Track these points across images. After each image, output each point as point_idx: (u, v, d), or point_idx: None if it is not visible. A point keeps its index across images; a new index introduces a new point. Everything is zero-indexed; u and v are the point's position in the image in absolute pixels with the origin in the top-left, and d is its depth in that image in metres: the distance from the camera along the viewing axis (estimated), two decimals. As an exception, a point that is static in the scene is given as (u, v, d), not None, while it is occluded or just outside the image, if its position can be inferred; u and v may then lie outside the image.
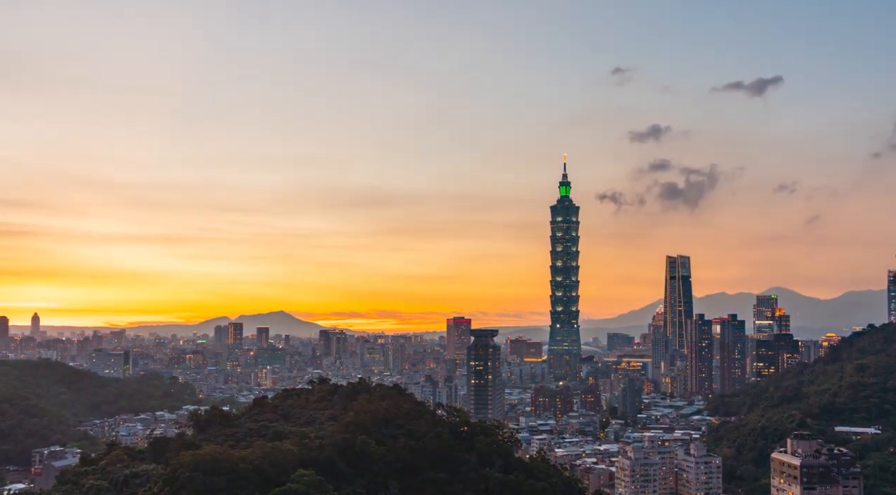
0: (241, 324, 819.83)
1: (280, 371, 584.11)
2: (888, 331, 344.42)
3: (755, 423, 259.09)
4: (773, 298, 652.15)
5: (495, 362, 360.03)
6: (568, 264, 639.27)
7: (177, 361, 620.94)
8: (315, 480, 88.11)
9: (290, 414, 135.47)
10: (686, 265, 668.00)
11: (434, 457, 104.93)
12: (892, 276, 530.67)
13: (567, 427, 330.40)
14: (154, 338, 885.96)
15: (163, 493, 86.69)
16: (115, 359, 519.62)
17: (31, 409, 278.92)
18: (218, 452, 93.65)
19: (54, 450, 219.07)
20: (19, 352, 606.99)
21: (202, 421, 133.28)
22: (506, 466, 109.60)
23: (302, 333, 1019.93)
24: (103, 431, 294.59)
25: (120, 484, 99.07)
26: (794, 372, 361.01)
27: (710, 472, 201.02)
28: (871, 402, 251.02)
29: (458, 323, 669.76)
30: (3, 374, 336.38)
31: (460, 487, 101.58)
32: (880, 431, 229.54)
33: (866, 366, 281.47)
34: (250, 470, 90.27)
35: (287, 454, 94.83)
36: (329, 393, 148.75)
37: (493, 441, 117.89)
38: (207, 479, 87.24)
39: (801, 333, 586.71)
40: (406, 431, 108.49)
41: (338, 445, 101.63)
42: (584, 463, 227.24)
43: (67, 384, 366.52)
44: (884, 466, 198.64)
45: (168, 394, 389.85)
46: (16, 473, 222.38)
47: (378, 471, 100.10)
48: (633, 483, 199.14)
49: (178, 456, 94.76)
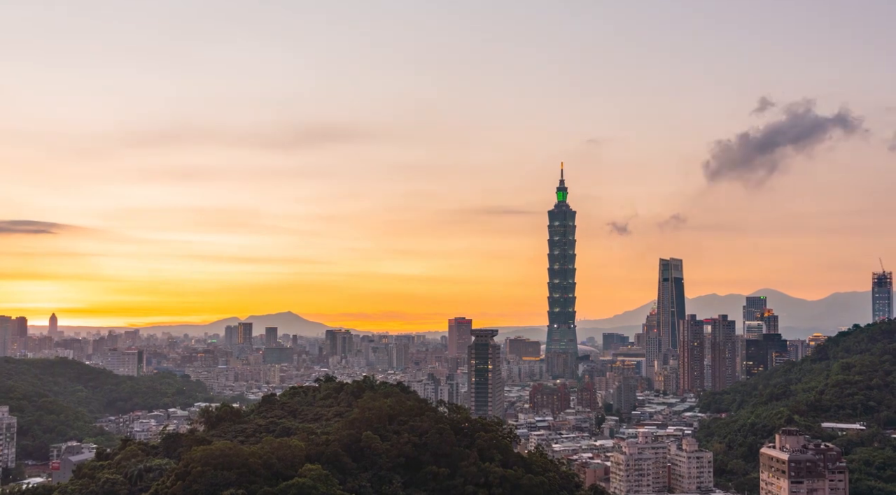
0: (250, 324, 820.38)
1: (288, 369, 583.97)
2: (872, 331, 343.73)
3: (745, 419, 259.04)
4: (763, 299, 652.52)
5: (495, 361, 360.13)
6: (565, 267, 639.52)
7: (189, 360, 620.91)
8: (322, 474, 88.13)
9: (297, 410, 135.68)
10: (678, 268, 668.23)
11: (436, 452, 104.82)
12: (876, 279, 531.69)
13: (564, 423, 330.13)
14: (167, 338, 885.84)
15: (175, 487, 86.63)
16: (129, 357, 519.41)
17: (49, 406, 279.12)
18: (228, 447, 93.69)
19: (71, 446, 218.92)
20: (38, 350, 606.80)
21: (213, 418, 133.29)
22: (505, 461, 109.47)
23: (309, 333, 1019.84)
24: (118, 427, 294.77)
25: (134, 478, 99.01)
26: (783, 371, 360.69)
27: (702, 467, 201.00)
28: (857, 399, 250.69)
29: (460, 323, 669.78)
30: (23, 372, 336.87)
31: (461, 481, 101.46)
32: (865, 427, 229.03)
33: (851, 364, 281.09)
34: (259, 464, 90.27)
35: (295, 449, 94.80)
36: (335, 390, 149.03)
37: (492, 436, 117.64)
38: (218, 473, 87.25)
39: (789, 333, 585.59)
40: (409, 427, 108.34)
41: (343, 441, 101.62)
42: (581, 457, 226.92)
43: (84, 382, 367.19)
44: (868, 460, 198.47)
45: (180, 392, 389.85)
46: (34, 467, 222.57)
47: (382, 466, 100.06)
48: (627, 477, 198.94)
49: (190, 451, 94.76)
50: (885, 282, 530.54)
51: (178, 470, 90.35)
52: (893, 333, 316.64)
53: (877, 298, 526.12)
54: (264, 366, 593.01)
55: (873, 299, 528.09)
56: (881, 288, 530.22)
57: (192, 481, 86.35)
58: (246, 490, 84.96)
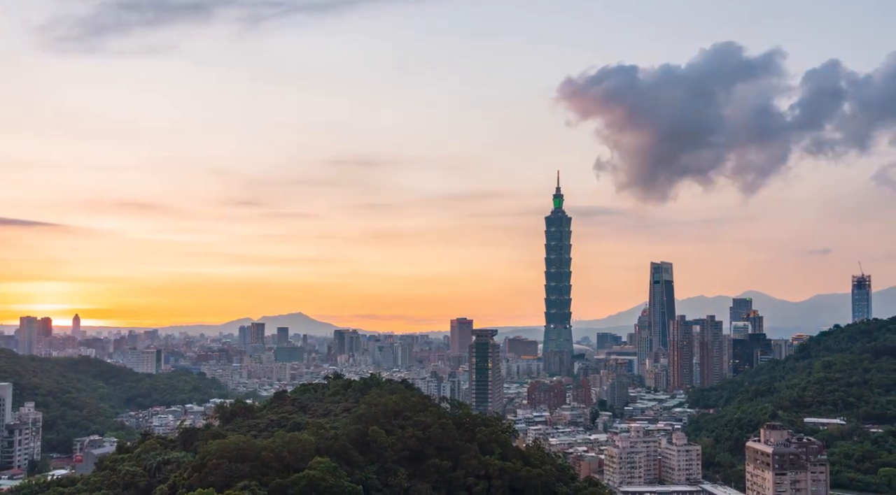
0: (262, 324, 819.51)
1: (298, 367, 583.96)
2: (852, 330, 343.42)
3: (731, 415, 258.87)
4: (748, 301, 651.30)
5: (495, 359, 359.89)
6: (561, 270, 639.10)
7: (204, 358, 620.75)
8: (330, 466, 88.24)
9: (307, 406, 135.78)
10: (669, 271, 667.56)
11: (439, 446, 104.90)
12: (855, 282, 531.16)
13: (560, 418, 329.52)
14: (184, 338, 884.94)
15: (192, 479, 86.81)
16: (148, 356, 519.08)
17: (73, 402, 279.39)
18: (242, 441, 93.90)
19: (93, 439, 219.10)
20: (62, 350, 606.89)
21: (227, 413, 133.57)
22: (504, 454, 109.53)
23: (318, 333, 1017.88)
24: (138, 422, 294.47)
25: (153, 470, 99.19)
26: (767, 369, 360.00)
27: (691, 459, 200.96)
28: (837, 396, 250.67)
29: (461, 323, 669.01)
30: (47, 370, 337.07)
31: (463, 473, 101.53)
32: (845, 422, 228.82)
33: (832, 362, 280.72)
34: (271, 457, 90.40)
35: (305, 443, 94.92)
36: (343, 387, 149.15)
37: (492, 431, 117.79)
38: (232, 466, 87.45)
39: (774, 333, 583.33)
40: (413, 422, 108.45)
41: (351, 435, 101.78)
42: (576, 451, 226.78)
43: (105, 379, 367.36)
44: (848, 453, 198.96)
45: (196, 389, 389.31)
46: (59, 460, 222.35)
47: (388, 459, 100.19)
48: (620, 469, 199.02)
49: (206, 445, 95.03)
50: (864, 284, 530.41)
51: (195, 463, 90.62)
52: (872, 333, 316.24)
53: (856, 300, 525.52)
54: (276, 364, 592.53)
55: (853, 301, 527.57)
56: (860, 290, 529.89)
57: (207, 473, 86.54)
58: (259, 481, 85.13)
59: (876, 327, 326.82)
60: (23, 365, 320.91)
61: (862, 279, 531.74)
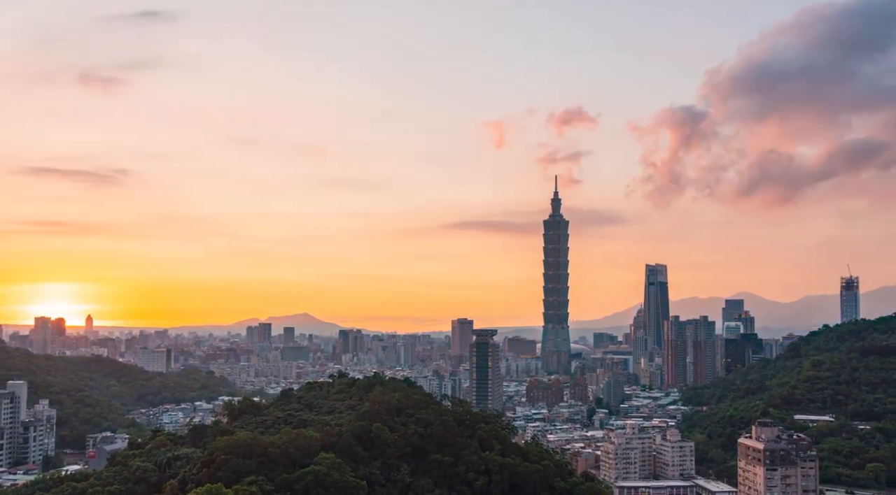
0: (269, 324, 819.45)
1: (304, 366, 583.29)
2: (841, 330, 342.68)
3: (724, 412, 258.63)
4: (740, 302, 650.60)
5: (494, 358, 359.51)
6: (559, 273, 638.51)
7: (213, 358, 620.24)
8: (335, 462, 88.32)
9: (313, 404, 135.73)
10: (663, 272, 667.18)
11: (440, 442, 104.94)
12: (844, 283, 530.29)
13: (558, 415, 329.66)
14: (193, 337, 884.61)
15: (201, 474, 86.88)
16: (158, 355, 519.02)
17: (86, 400, 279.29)
18: (249, 437, 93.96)
19: (106, 436, 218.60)
20: (75, 349, 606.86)
21: (235, 411, 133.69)
22: (504, 450, 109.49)
23: (323, 333, 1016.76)
24: (148, 419, 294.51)
25: (163, 466, 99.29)
26: (758, 368, 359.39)
27: (684, 455, 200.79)
28: (826, 393, 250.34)
29: (462, 324, 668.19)
30: (61, 369, 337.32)
31: (463, 468, 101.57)
32: (834, 419, 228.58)
33: (821, 361, 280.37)
34: (278, 453, 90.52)
35: (310, 439, 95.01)
36: (347, 385, 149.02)
37: (492, 428, 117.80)
38: (240, 461, 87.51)
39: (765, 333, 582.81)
40: (416, 419, 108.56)
41: (355, 431, 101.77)
42: (574, 447, 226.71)
43: (117, 377, 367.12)
44: (837, 449, 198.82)
45: (205, 387, 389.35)
46: (72, 456, 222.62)
47: (391, 455, 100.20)
48: (616, 464, 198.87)
49: (215, 441, 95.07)
50: (853, 285, 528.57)
51: (204, 459, 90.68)
52: (860, 333, 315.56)
53: (845, 301, 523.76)
54: (282, 363, 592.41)
55: (841, 301, 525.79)
56: (849, 291, 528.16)
57: (216, 468, 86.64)
58: (266, 476, 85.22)
59: (864, 327, 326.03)
60: (37, 364, 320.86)
61: (850, 280, 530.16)
